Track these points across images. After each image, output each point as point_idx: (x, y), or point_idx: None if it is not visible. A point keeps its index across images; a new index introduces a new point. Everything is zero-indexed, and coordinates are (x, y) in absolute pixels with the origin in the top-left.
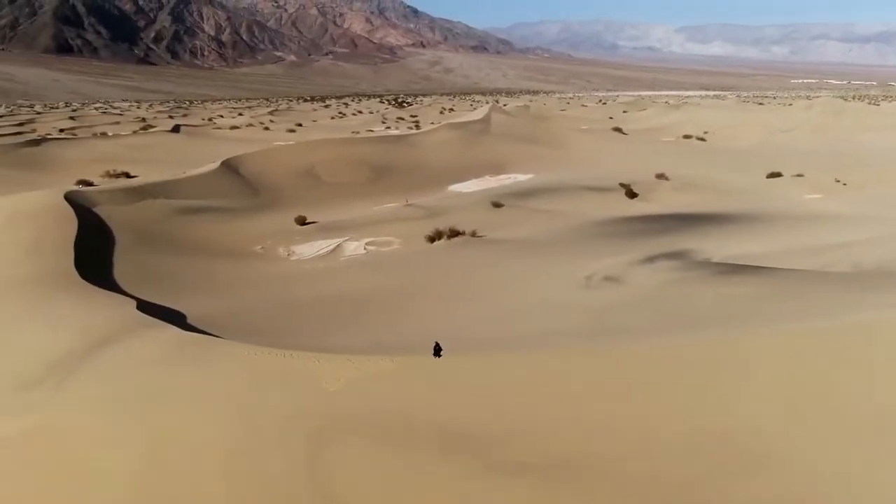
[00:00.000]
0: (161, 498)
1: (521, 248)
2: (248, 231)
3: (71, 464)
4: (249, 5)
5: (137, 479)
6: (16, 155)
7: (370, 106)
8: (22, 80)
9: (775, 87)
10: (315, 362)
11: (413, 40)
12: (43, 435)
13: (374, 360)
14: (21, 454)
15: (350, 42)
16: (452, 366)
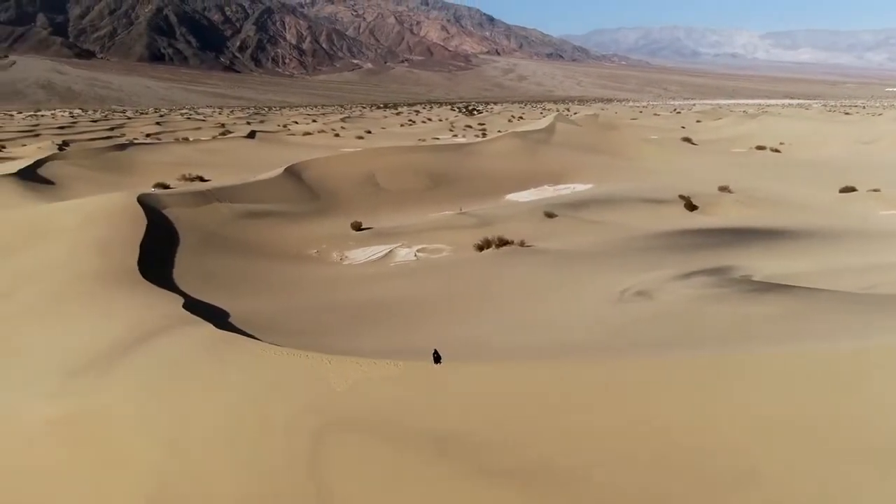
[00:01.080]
0: (176, 479)
1: (566, 259)
2: (305, 235)
3: (102, 447)
4: (330, 14)
5: (157, 462)
6: (103, 158)
7: (441, 113)
8: (117, 86)
9: (867, 95)
10: (326, 364)
11: (488, 48)
12: (82, 419)
13: (380, 363)
14: (62, 435)
15: (426, 50)
16: (452, 372)
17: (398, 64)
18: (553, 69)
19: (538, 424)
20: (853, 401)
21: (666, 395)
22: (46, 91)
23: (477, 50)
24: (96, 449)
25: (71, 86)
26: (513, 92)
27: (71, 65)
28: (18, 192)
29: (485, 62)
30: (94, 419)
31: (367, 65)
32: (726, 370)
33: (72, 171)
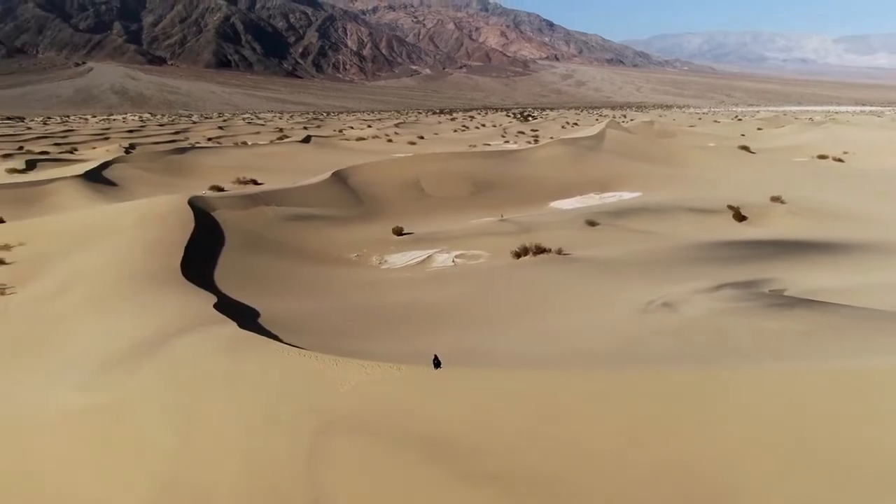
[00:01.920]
0: (187, 469)
1: (601, 268)
2: (347, 239)
3: (124, 437)
4: (391, 21)
5: (172, 454)
6: (164, 161)
7: (495, 119)
8: (185, 92)
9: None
10: (333, 365)
11: (547, 53)
12: (110, 411)
13: (383, 366)
14: (90, 425)
15: (484, 55)
16: (450, 378)
17: (456, 70)
18: (612, 75)
19: (524, 431)
20: (847, 421)
21: (652, 408)
22: (119, 96)
23: (535, 55)
24: (119, 438)
25: (142, 91)
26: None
27: (143, 71)
28: (84, 193)
29: (543, 68)
30: (118, 411)
31: (426, 70)
32: (712, 386)
33: (134, 174)
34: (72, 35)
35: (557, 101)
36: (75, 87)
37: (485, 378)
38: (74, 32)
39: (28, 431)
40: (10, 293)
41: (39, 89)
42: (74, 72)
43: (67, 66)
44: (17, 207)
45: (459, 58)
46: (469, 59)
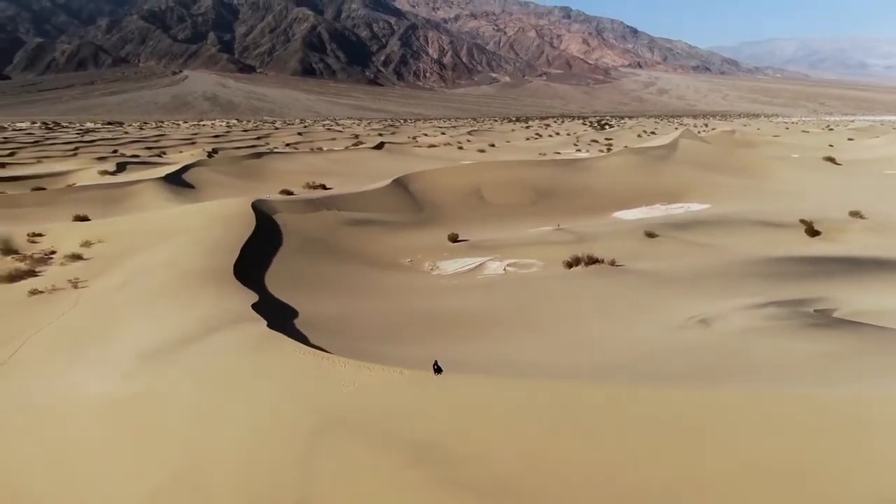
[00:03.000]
0: (195, 462)
1: (651, 281)
2: (402, 244)
3: (146, 428)
4: (472, 29)
5: (184, 446)
6: (241, 166)
7: (570, 128)
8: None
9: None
10: (342, 367)
11: (629, 61)
12: (137, 402)
13: (387, 370)
14: (121, 413)
15: (565, 63)
16: (448, 384)
17: (536, 77)
18: (697, 82)
19: (511, 442)
20: (841, 450)
21: (641, 427)
22: (210, 103)
23: (617, 63)
24: (140, 428)
25: (231, 98)
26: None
27: (234, 79)
28: (163, 194)
29: (625, 75)
30: (144, 402)
31: (505, 78)
32: (706, 408)
33: (212, 177)
34: (170, 45)
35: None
36: (171, 94)
37: (480, 386)
38: (173, 43)
39: (63, 418)
40: (82, 286)
41: (139, 96)
42: (171, 80)
43: (165, 74)
44: (103, 207)
45: (539, 65)
46: (549, 66)
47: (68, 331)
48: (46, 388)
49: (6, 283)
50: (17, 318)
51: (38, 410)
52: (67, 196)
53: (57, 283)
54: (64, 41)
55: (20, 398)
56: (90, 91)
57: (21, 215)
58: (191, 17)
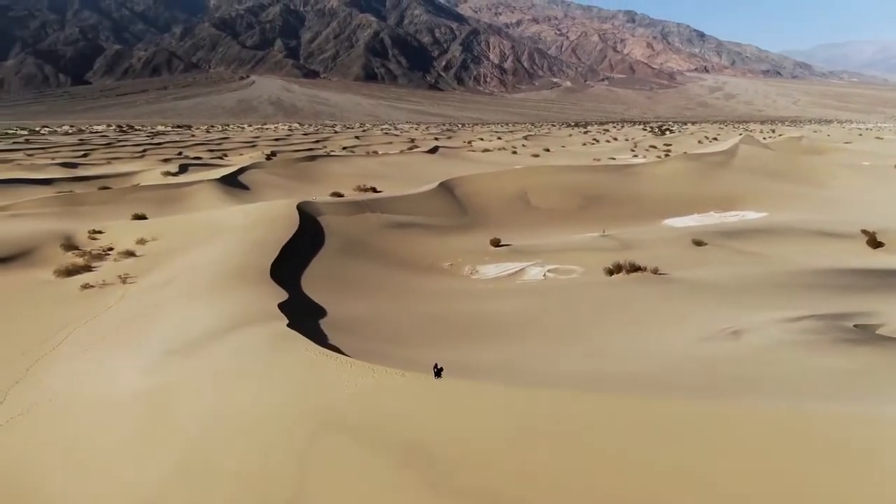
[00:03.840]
0: (199, 457)
1: (692, 290)
2: (444, 248)
3: (158, 421)
4: (534, 34)
5: (191, 441)
6: (295, 168)
7: (630, 133)
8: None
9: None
10: (348, 367)
11: (696, 65)
12: (156, 394)
13: (390, 372)
14: (137, 406)
15: (628, 67)
16: (446, 389)
17: (598, 82)
18: (766, 87)
19: (501, 449)
20: (840, 467)
21: (635, 440)
22: (275, 107)
23: (683, 67)
24: (153, 420)
25: (295, 102)
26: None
27: (298, 84)
28: (218, 195)
29: (690, 80)
30: (161, 395)
31: (567, 83)
32: (704, 422)
33: (267, 179)
34: (239, 51)
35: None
36: (238, 99)
37: (477, 392)
38: (242, 49)
39: (84, 409)
40: (130, 282)
41: (208, 100)
42: (238, 84)
43: (233, 79)
44: (161, 206)
45: (602, 70)
46: (612, 71)
47: (110, 325)
48: (76, 380)
49: (63, 277)
50: (66, 311)
51: (64, 401)
52: (129, 195)
53: (108, 278)
54: (140, 48)
55: (52, 389)
56: (163, 95)
57: (85, 213)
58: (259, 24)
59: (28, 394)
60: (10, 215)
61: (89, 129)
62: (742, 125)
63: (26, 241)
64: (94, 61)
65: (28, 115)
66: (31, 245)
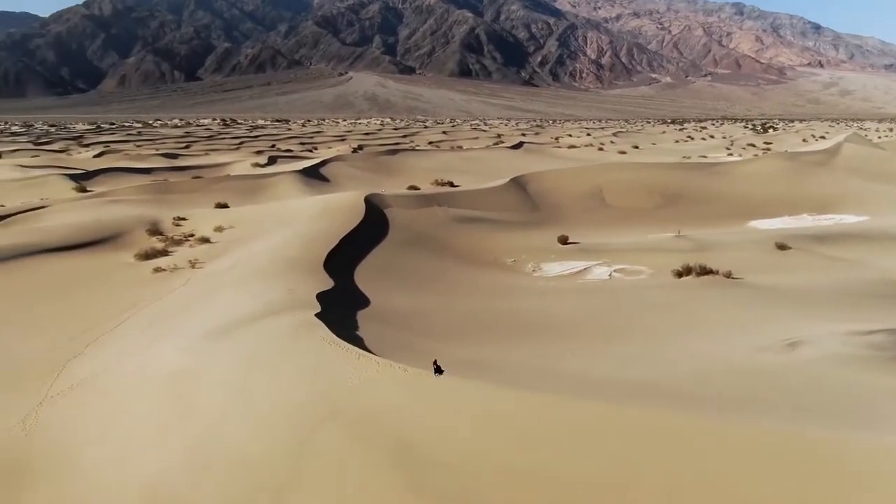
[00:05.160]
0: (213, 430)
1: (762, 296)
2: (509, 244)
3: (182, 401)
4: (633, 28)
5: (207, 422)
6: (376, 161)
7: (728, 130)
8: (426, 99)
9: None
10: (356, 359)
11: (809, 59)
12: (183, 376)
13: (395, 366)
14: (165, 387)
15: (733, 62)
16: (446, 387)
17: (700, 78)
18: (889, 82)
19: (491, 454)
20: None
21: (638, 453)
22: (369, 102)
23: (795, 62)
24: (177, 400)
25: (389, 98)
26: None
27: (393, 79)
28: (298, 186)
29: (801, 75)
30: (190, 376)
31: (666, 79)
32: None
33: (348, 171)
34: (339, 48)
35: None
36: (335, 94)
37: (475, 392)
38: (342, 46)
39: (122, 388)
40: (198, 267)
41: (306, 96)
42: (337, 81)
43: (332, 75)
44: (244, 196)
45: (705, 65)
46: (716, 66)
47: (169, 307)
48: (124, 358)
49: (142, 260)
50: (136, 293)
51: (108, 377)
52: (216, 185)
53: (179, 263)
54: (248, 46)
55: (101, 365)
56: (266, 91)
57: (175, 200)
58: (359, 21)
59: (82, 368)
60: (108, 201)
61: (196, 122)
62: (856, 123)
63: (117, 226)
64: (205, 59)
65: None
66: (121, 229)
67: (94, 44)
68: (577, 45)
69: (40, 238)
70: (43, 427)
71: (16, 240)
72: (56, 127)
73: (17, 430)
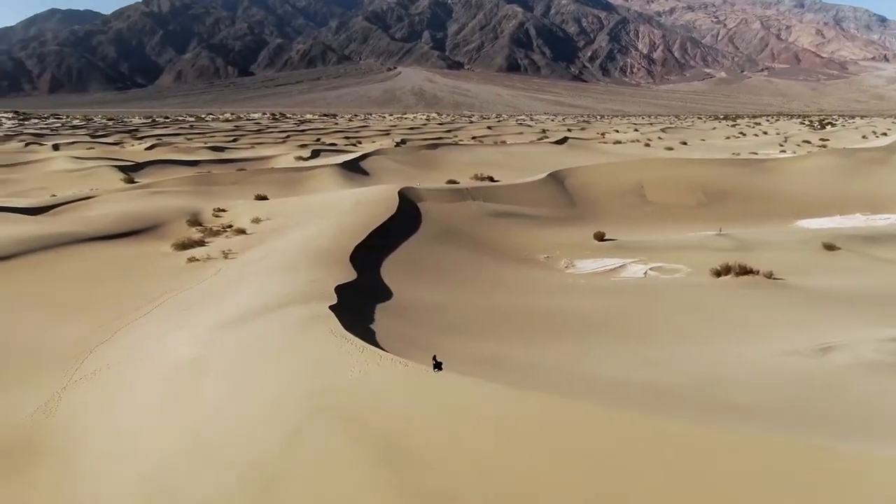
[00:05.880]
0: (211, 427)
1: (803, 299)
2: (544, 239)
3: (188, 389)
4: (687, 22)
5: (208, 411)
6: (416, 155)
7: (783, 127)
8: (473, 94)
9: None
10: (359, 352)
11: (874, 53)
12: (192, 365)
13: (395, 360)
14: (181, 375)
15: (792, 57)
16: (441, 383)
17: (756, 73)
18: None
19: (480, 457)
20: None
21: (628, 461)
22: (416, 97)
23: (858, 56)
24: (183, 389)
25: (436, 93)
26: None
27: (441, 75)
28: (337, 179)
29: (865, 70)
30: (198, 365)
31: (721, 74)
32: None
33: (388, 165)
34: (388, 44)
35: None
36: (383, 89)
37: (469, 390)
38: (391, 41)
39: (135, 376)
40: (231, 257)
41: (355, 91)
42: (385, 76)
43: (381, 71)
44: (284, 188)
45: (762, 60)
46: (773, 60)
47: (196, 296)
48: (143, 346)
49: (179, 250)
50: (168, 282)
51: (125, 364)
52: (257, 177)
53: (213, 253)
54: (300, 41)
55: (121, 354)
56: (315, 86)
57: (217, 192)
58: (408, 16)
59: (107, 354)
60: (153, 192)
61: (246, 116)
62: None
63: (159, 216)
64: (258, 54)
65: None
66: (162, 220)
67: (153, 40)
68: (628, 39)
69: (85, 227)
70: (63, 410)
71: (62, 228)
72: (113, 121)
73: (39, 412)
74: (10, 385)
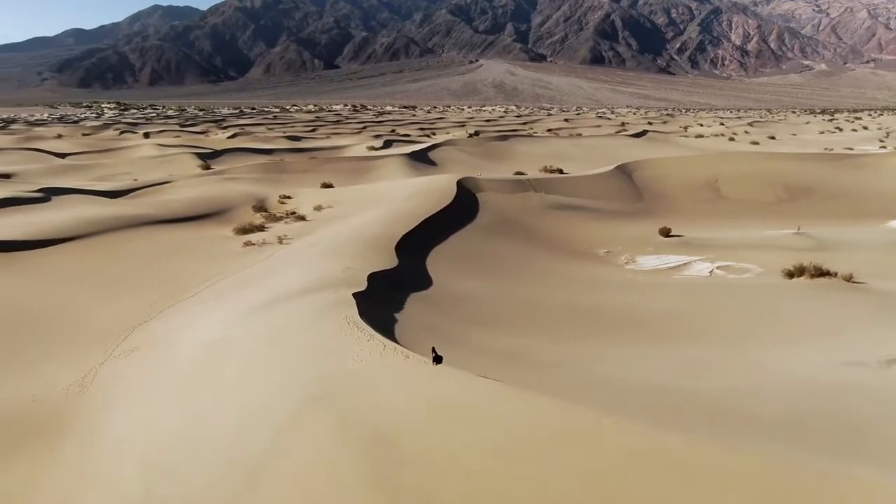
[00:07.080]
0: (217, 407)
1: (882, 304)
2: (606, 234)
3: (207, 370)
4: (785, 12)
5: (220, 392)
6: (486, 147)
7: (886, 122)
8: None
9: None
10: (366, 341)
11: None
12: (215, 347)
13: (399, 350)
14: (205, 356)
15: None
16: (437, 377)
17: (861, 64)
18: None
19: (461, 451)
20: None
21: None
22: (497, 90)
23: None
24: (203, 369)
25: (517, 85)
26: None
27: (523, 67)
28: (403, 169)
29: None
30: (221, 347)
31: (821, 66)
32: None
33: (456, 155)
34: (471, 36)
35: None
36: (463, 82)
37: (465, 386)
38: (474, 34)
39: (171, 352)
40: (285, 243)
41: (436, 83)
42: (466, 68)
43: (463, 63)
44: (350, 176)
45: (868, 51)
46: (881, 51)
47: (243, 280)
48: (181, 326)
49: (239, 234)
50: (222, 264)
51: (161, 343)
52: (326, 166)
53: (269, 238)
54: (384, 35)
55: (162, 331)
56: (397, 79)
57: (286, 180)
58: (492, 8)
59: (147, 332)
60: (226, 178)
61: (328, 107)
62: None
63: (227, 201)
64: (343, 47)
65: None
66: (230, 205)
67: (245, 34)
68: (720, 30)
69: (157, 210)
70: (97, 386)
71: (138, 210)
72: (204, 111)
73: (74, 387)
74: (51, 358)
